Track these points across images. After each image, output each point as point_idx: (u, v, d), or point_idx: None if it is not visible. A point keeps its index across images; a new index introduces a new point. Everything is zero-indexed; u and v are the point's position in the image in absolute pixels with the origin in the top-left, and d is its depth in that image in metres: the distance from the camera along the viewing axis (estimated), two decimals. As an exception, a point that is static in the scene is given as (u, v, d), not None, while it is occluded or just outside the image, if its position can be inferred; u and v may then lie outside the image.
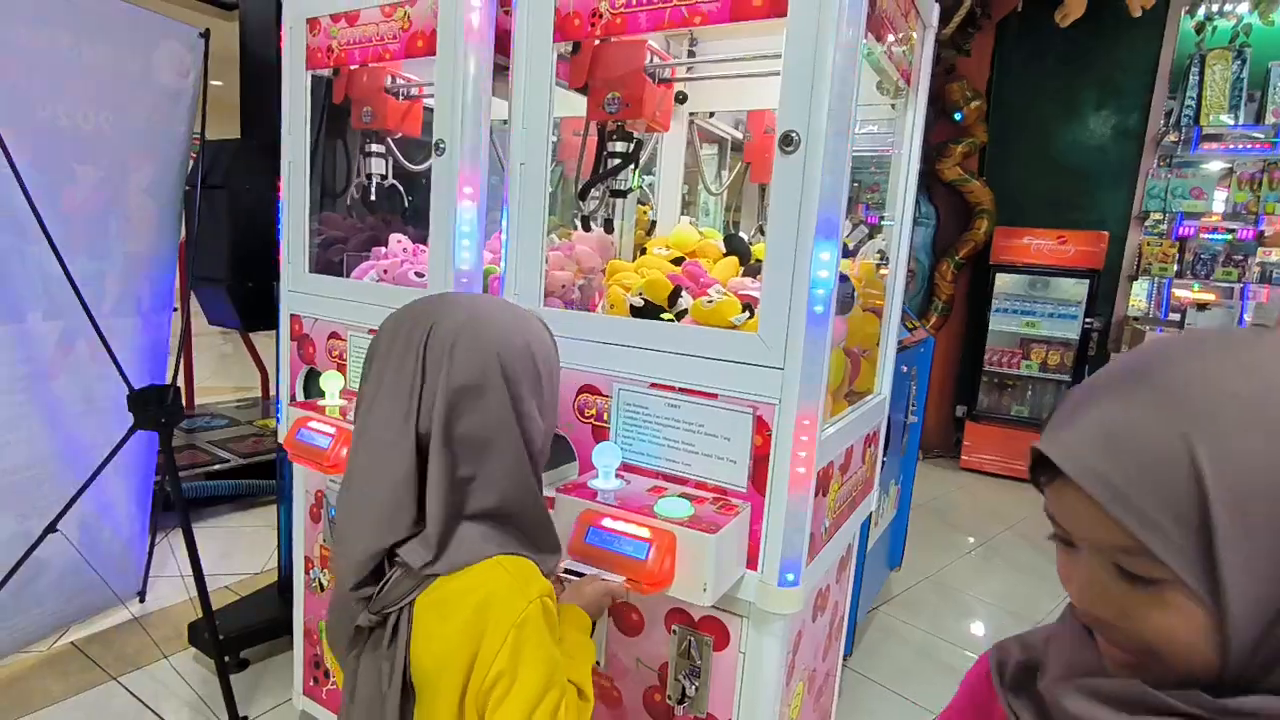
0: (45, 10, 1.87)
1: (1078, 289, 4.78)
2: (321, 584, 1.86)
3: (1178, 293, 4.89)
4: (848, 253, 1.55)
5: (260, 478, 3.62)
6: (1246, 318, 4.73)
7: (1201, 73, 4.55)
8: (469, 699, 0.82)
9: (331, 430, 1.45)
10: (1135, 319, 4.84)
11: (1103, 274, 4.75)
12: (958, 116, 4.87)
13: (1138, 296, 4.97)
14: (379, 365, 0.88)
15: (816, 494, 1.17)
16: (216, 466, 3.56)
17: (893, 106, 1.59)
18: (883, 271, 1.65)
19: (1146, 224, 4.85)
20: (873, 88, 1.50)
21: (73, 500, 1.96)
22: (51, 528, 1.96)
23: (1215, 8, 4.49)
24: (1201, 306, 4.76)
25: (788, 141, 1.05)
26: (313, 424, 1.48)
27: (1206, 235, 4.81)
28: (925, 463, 5.18)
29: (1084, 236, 4.73)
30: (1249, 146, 4.53)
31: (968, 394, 5.10)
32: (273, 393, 5.06)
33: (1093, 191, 4.93)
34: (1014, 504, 4.45)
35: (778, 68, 1.08)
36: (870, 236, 1.60)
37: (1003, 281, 4.93)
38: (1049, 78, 4.95)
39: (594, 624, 1.02)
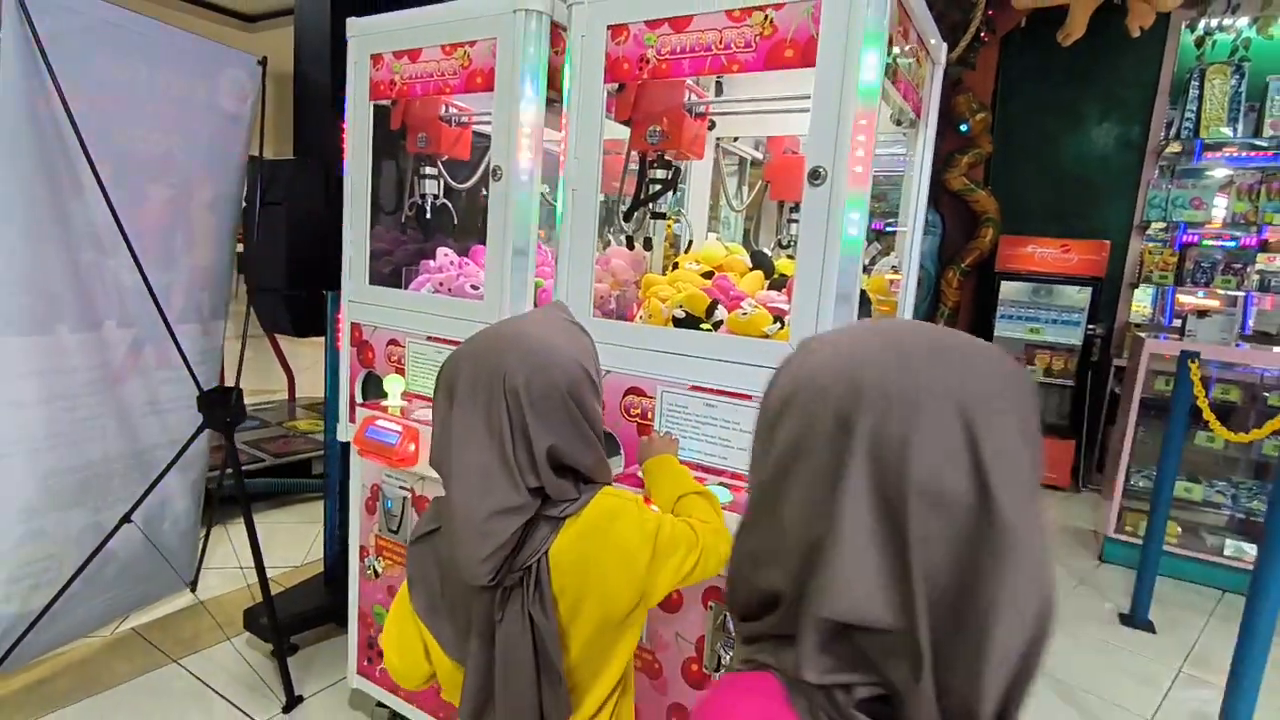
0: (127, 44, 2.04)
1: (1080, 296, 4.91)
2: (376, 571, 2.02)
3: (1182, 299, 5.00)
4: (864, 269, 1.70)
5: (291, 476, 3.80)
6: (1250, 324, 4.84)
7: (1201, 86, 4.69)
8: (625, 598, 0.99)
9: (399, 428, 1.61)
10: (1139, 325, 4.96)
11: (1105, 282, 4.88)
12: (963, 128, 5.01)
13: (1143, 303, 5.09)
14: (464, 412, 0.98)
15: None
16: (252, 465, 3.73)
17: (904, 135, 1.75)
18: (893, 278, 1.81)
19: (1150, 232, 4.98)
20: (887, 120, 1.66)
21: (147, 492, 2.12)
22: (126, 518, 2.12)
23: (1215, 23, 4.62)
24: (1202, 313, 4.88)
25: (815, 176, 1.21)
26: (381, 422, 1.64)
27: (1210, 242, 4.93)
28: (932, 465, 5.31)
29: (1086, 245, 4.86)
30: (1252, 155, 4.65)
31: (974, 398, 5.23)
32: (299, 395, 5.25)
33: (1095, 201, 5.07)
34: (1019, 505, 4.58)
35: (798, 104, 1.23)
36: (883, 253, 1.75)
37: (1007, 289, 5.06)
38: (1052, 91, 5.10)
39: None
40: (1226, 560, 3.49)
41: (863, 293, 1.38)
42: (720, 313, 1.46)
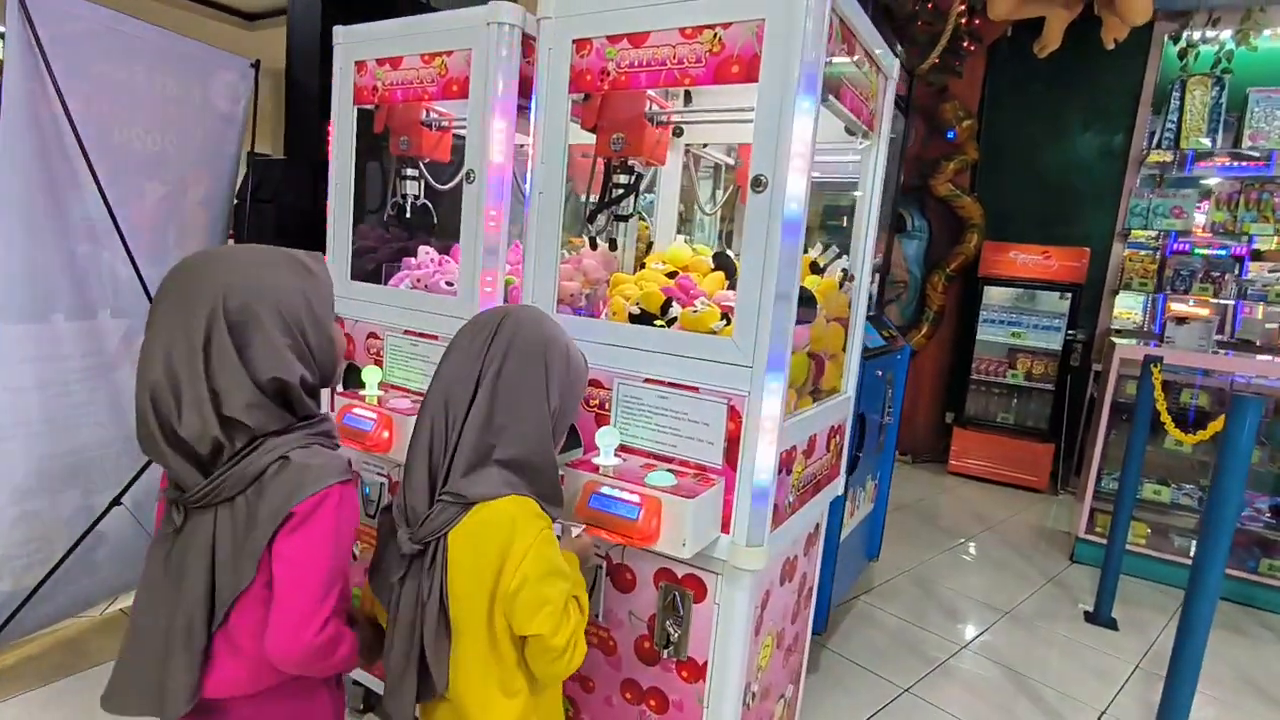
0: (125, 48, 2.14)
1: (1061, 302, 5.00)
2: (354, 555, 2.10)
3: (1174, 306, 5.05)
4: (818, 270, 1.79)
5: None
6: (1239, 332, 4.90)
7: (1182, 97, 4.77)
8: (496, 606, 1.08)
9: (373, 415, 1.70)
10: (1119, 331, 5.03)
11: (1085, 288, 4.96)
12: (950, 135, 5.10)
13: (1132, 310, 5.14)
14: (459, 338, 1.18)
15: (780, 472, 1.41)
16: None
17: (861, 144, 1.84)
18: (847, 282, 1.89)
19: (1141, 239, 5.02)
20: (842, 131, 1.75)
21: (137, 475, 2.21)
22: (117, 500, 2.21)
23: (1198, 35, 4.70)
24: (1181, 320, 4.94)
25: (757, 183, 1.30)
26: (357, 410, 1.73)
27: (1201, 250, 4.97)
28: (914, 466, 5.40)
29: (1066, 252, 4.95)
30: (1244, 166, 4.70)
31: (956, 401, 5.33)
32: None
33: (1079, 208, 5.16)
34: (996, 506, 4.67)
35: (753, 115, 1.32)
36: (839, 256, 1.84)
37: (991, 294, 5.15)
38: (1037, 99, 5.19)
39: (581, 563, 1.30)
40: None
41: (807, 291, 1.46)
42: (675, 310, 1.55)
